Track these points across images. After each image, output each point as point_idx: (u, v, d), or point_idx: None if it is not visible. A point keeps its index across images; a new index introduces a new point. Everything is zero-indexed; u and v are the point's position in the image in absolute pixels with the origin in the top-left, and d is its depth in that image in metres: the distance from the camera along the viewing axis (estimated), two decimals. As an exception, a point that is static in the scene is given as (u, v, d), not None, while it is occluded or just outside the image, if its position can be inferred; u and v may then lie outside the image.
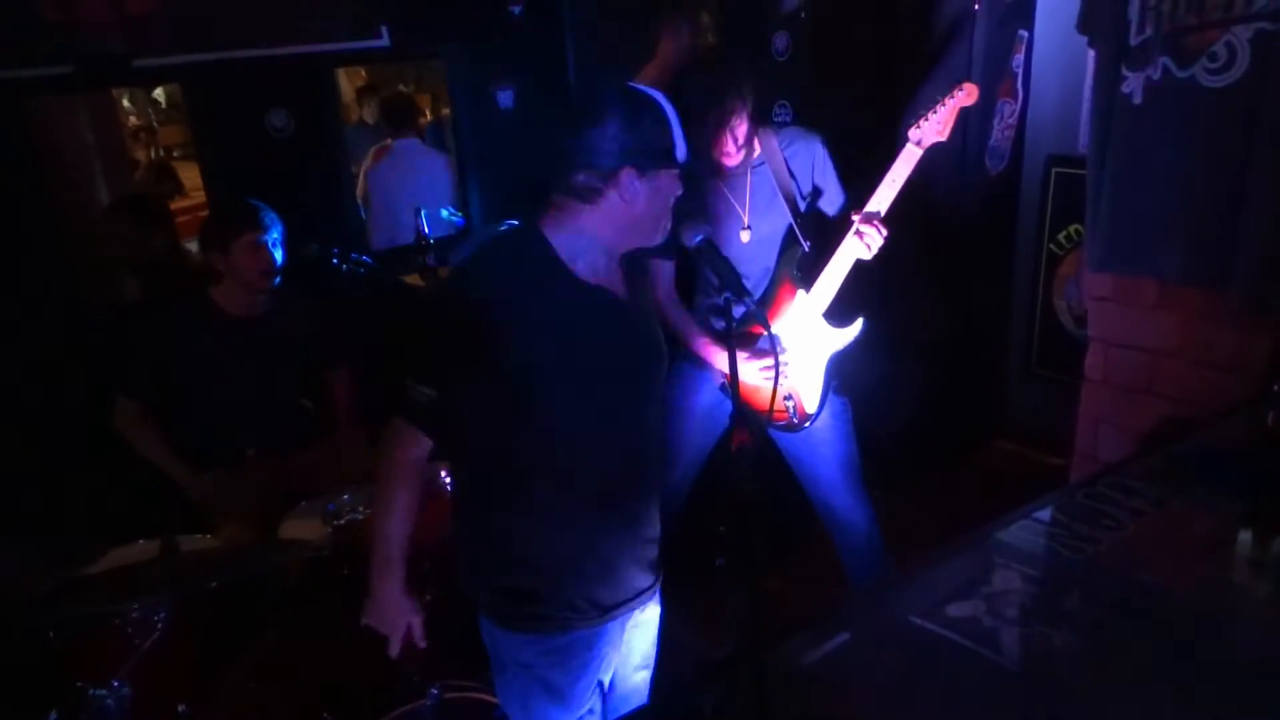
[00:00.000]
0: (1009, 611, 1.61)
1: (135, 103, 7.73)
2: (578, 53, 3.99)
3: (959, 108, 2.37)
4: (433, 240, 3.89)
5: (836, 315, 2.59)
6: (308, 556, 2.46)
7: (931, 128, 2.36)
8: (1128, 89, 2.38)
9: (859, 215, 2.48)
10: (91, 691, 2.07)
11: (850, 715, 1.43)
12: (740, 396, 2.14)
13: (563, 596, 1.70)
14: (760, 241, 2.60)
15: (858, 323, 2.58)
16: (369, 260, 2.91)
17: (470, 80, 3.91)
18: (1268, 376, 2.13)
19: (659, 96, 1.60)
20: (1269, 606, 1.69)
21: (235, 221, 2.77)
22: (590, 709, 1.80)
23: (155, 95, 8.06)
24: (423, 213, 3.90)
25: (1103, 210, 2.51)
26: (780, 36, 3.54)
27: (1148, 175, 2.38)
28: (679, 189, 1.65)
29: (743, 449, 1.55)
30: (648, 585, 1.84)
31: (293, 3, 3.30)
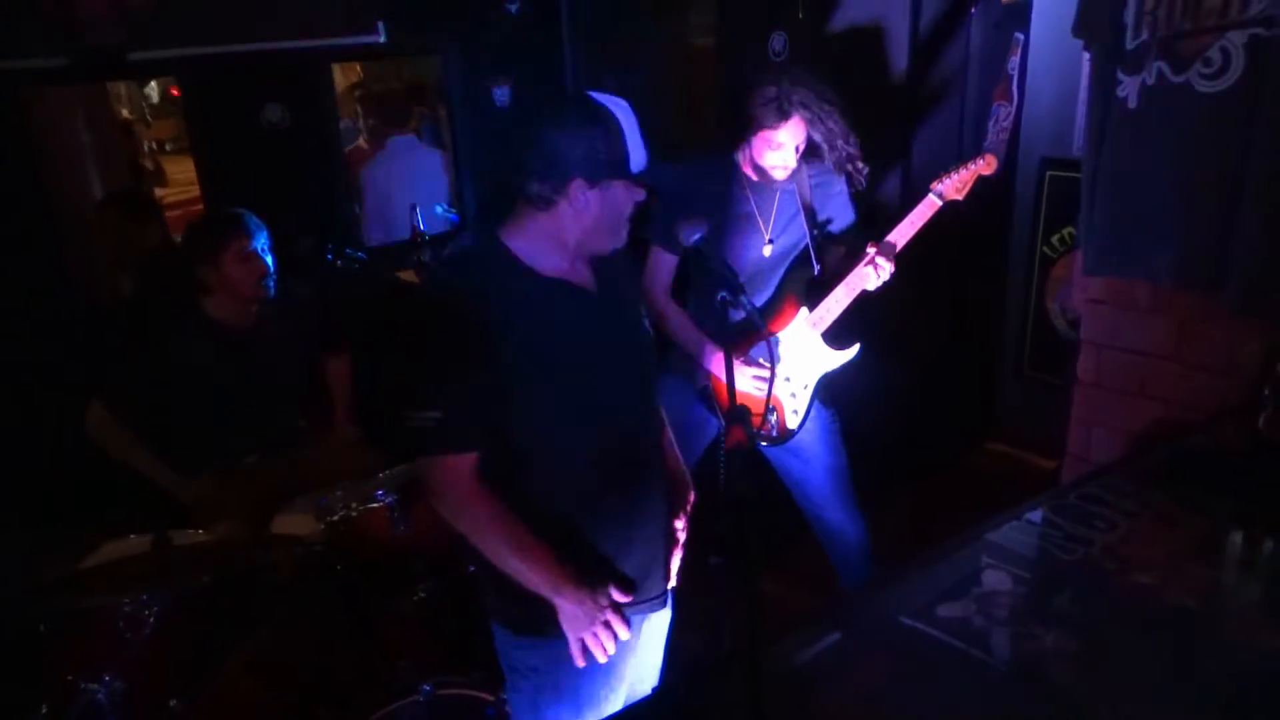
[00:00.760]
0: (1000, 612, 1.61)
1: (129, 99, 7.72)
2: (574, 50, 3.99)
3: (978, 174, 2.54)
4: (428, 236, 3.89)
5: (833, 337, 2.63)
6: (300, 551, 2.46)
7: (952, 185, 2.54)
8: (1123, 93, 2.39)
9: (875, 247, 2.51)
10: (83, 685, 2.07)
11: (841, 715, 1.43)
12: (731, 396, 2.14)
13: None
14: (778, 257, 2.64)
15: (854, 347, 2.64)
16: (362, 255, 2.90)
17: (466, 77, 3.91)
18: (1259, 380, 2.14)
19: (616, 105, 1.60)
20: (1259, 608, 1.70)
21: (221, 232, 2.68)
22: (601, 715, 1.80)
23: (147, 90, 8.04)
24: (418, 209, 3.90)
25: (1097, 213, 2.52)
26: (778, 37, 3.54)
27: (1142, 179, 2.38)
28: (637, 196, 1.66)
29: (735, 448, 1.55)
30: (658, 592, 1.84)
31: (289, -3, 3.30)
